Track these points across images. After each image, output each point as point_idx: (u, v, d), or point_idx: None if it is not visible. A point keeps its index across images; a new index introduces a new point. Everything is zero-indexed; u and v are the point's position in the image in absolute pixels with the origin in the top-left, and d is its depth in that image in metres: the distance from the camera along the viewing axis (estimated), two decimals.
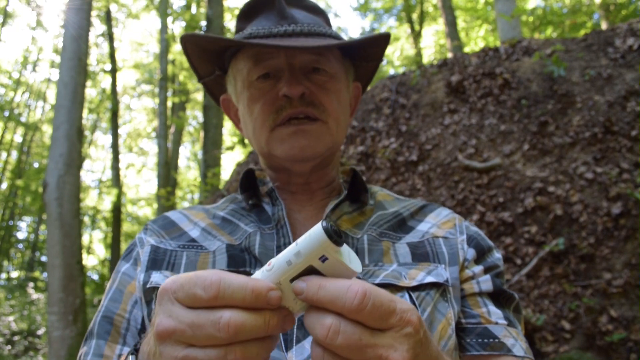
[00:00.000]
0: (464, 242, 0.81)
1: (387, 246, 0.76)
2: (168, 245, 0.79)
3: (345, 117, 0.84)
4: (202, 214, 0.86)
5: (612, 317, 3.49)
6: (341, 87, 0.83)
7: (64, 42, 6.69)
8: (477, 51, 5.81)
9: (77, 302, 5.71)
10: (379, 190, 0.93)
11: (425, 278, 0.70)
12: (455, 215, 0.88)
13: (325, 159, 0.83)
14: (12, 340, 10.75)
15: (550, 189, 4.19)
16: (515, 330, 0.74)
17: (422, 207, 0.89)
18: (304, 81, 0.78)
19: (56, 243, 5.74)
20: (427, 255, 0.76)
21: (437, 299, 0.70)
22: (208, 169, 8.26)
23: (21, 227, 24.66)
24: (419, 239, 0.79)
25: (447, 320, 0.69)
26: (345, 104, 0.84)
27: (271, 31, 0.78)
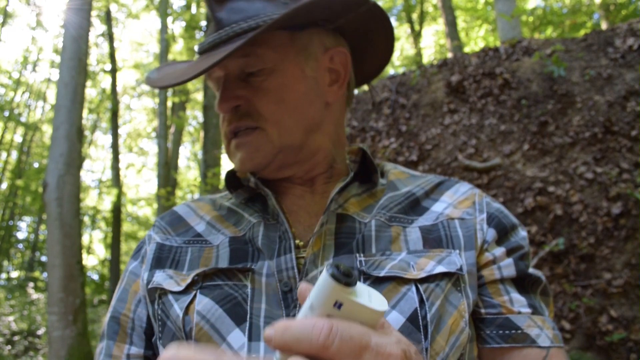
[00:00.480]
0: (483, 221, 0.74)
1: (396, 232, 0.70)
2: (173, 242, 0.78)
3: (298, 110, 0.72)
4: (208, 206, 0.85)
5: (612, 317, 3.49)
6: (286, 80, 0.71)
7: (64, 42, 6.69)
8: (477, 51, 5.81)
9: (77, 302, 5.71)
10: (393, 167, 0.86)
11: (436, 268, 0.65)
12: (475, 190, 0.80)
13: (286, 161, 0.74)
14: (12, 340, 10.75)
15: (550, 189, 4.19)
16: (542, 317, 0.69)
17: (439, 184, 0.81)
18: (240, 90, 0.71)
19: (56, 243, 5.74)
20: (440, 241, 0.69)
21: (449, 290, 0.65)
22: (208, 169, 8.26)
23: (21, 227, 24.67)
24: (432, 221, 0.72)
25: (460, 313, 0.64)
26: (297, 95, 0.72)
27: (202, 46, 0.73)
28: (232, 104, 0.71)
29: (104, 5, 12.99)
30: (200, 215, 0.82)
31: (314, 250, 0.68)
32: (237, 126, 0.72)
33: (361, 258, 0.66)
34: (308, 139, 0.75)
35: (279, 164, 0.75)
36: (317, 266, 0.66)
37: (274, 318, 0.64)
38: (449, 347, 0.61)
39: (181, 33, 14.30)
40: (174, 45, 13.56)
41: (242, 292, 0.66)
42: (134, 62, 19.33)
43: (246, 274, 0.68)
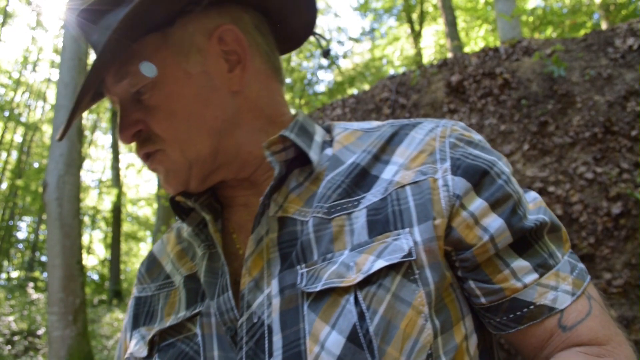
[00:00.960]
0: (447, 172, 0.58)
1: (339, 225, 0.58)
2: (149, 291, 0.74)
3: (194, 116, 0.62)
4: (173, 239, 0.78)
5: (612, 317, 3.49)
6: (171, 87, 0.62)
7: (64, 42, 6.69)
8: (477, 51, 5.81)
9: (77, 302, 5.71)
10: (342, 130, 0.71)
11: (375, 264, 0.54)
12: (436, 131, 0.63)
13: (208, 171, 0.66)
14: (12, 340, 10.75)
15: (550, 189, 4.19)
16: (554, 271, 0.58)
17: (391, 137, 0.65)
18: (136, 113, 0.64)
19: (56, 243, 5.74)
20: (386, 222, 0.57)
21: (398, 285, 0.53)
22: None
23: (21, 227, 24.68)
24: (381, 195, 0.59)
25: (416, 309, 0.53)
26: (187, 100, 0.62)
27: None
28: (131, 131, 0.64)
29: None
30: (167, 252, 0.77)
31: (253, 274, 0.60)
32: (143, 153, 0.65)
33: (303, 270, 0.57)
34: (221, 141, 0.64)
35: (199, 178, 0.66)
36: (261, 290, 0.59)
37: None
38: (404, 356, 0.52)
39: None
40: None
41: (194, 344, 0.62)
42: None
43: (195, 319, 0.64)
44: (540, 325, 0.56)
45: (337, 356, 0.51)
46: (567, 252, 0.61)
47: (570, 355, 0.55)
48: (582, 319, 0.56)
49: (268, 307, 0.57)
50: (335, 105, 6.26)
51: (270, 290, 0.58)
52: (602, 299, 0.61)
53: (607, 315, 0.59)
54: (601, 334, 0.56)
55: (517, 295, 0.56)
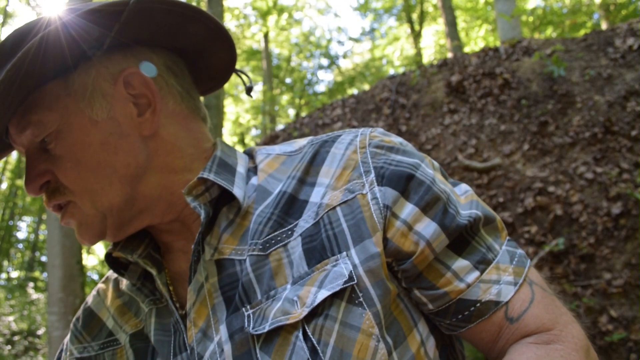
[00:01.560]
0: (373, 185, 0.57)
1: (277, 259, 0.57)
2: (91, 351, 0.69)
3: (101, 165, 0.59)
4: (112, 292, 0.73)
5: (612, 317, 3.49)
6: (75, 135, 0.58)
7: None
8: (477, 51, 5.81)
9: (77, 302, 5.71)
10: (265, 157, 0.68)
11: (317, 296, 0.53)
12: (355, 144, 0.61)
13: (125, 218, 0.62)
14: (12, 340, 10.75)
15: (550, 189, 4.19)
16: (494, 265, 0.58)
17: (313, 157, 0.62)
18: (42, 164, 0.60)
19: (56, 243, 5.74)
20: (323, 249, 0.56)
21: (344, 311, 0.53)
22: None
23: (21, 227, 24.70)
24: (313, 220, 0.57)
25: (366, 332, 0.52)
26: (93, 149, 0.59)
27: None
28: (38, 183, 0.60)
29: None
30: (107, 306, 0.73)
31: (199, 324, 0.58)
32: (53, 207, 0.61)
33: (249, 312, 0.55)
34: (136, 188, 0.61)
35: (114, 228, 0.62)
36: (211, 339, 0.57)
37: None
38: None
39: None
40: None
41: None
42: None
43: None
44: (488, 320, 0.57)
45: None
46: (505, 241, 0.60)
47: (522, 348, 0.56)
48: (526, 307, 0.57)
49: (220, 355, 0.55)
50: (335, 105, 6.27)
51: (219, 337, 0.56)
52: (544, 281, 0.61)
53: (550, 297, 0.59)
54: (546, 319, 0.57)
55: (463, 296, 0.56)
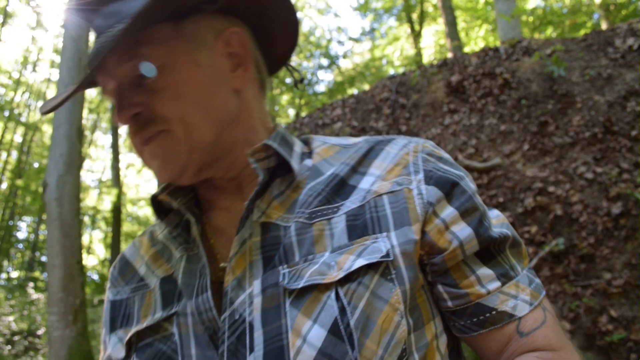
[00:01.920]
0: (420, 183, 0.64)
1: (320, 229, 0.62)
2: (123, 294, 0.74)
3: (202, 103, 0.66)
4: (146, 242, 0.79)
5: (612, 317, 3.49)
6: (181, 73, 0.65)
7: (64, 42, 6.69)
8: (477, 51, 5.81)
9: (77, 302, 5.71)
10: (321, 144, 0.75)
11: (355, 263, 0.57)
12: (409, 147, 0.69)
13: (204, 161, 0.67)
14: (12, 340, 10.75)
15: (550, 189, 4.19)
16: (514, 282, 0.62)
17: (368, 152, 0.70)
18: (135, 96, 0.65)
19: (56, 243, 5.74)
20: (365, 227, 0.61)
21: (376, 283, 0.57)
22: None
23: (21, 227, 24.68)
24: (359, 202, 0.63)
25: (392, 306, 0.56)
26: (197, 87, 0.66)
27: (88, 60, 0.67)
28: (130, 112, 0.64)
29: None
30: (141, 255, 0.78)
31: (236, 273, 0.62)
32: (142, 135, 0.65)
33: (285, 270, 0.60)
34: (222, 133, 0.67)
35: (195, 167, 0.67)
36: (243, 289, 0.61)
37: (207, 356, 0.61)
38: (382, 349, 0.55)
39: None
40: None
41: (171, 342, 0.63)
42: None
43: (172, 320, 0.65)
44: (500, 330, 0.61)
45: (318, 348, 0.54)
46: (526, 267, 0.66)
47: (527, 358, 0.60)
48: (537, 326, 0.61)
49: (249, 306, 0.60)
50: (335, 105, 6.27)
51: (252, 289, 0.61)
52: (554, 312, 0.67)
53: (559, 326, 0.65)
54: (554, 341, 0.61)
55: (481, 301, 0.61)
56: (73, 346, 5.51)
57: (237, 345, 0.58)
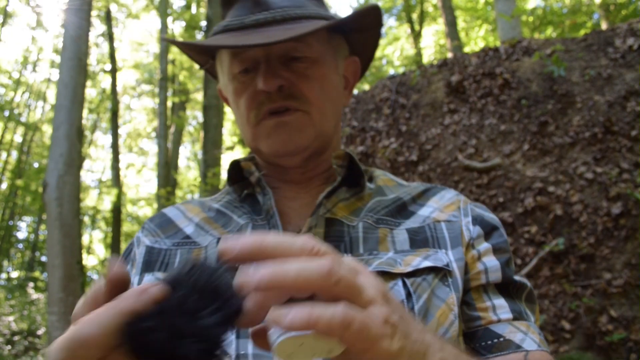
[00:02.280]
0: (469, 223, 0.76)
1: (384, 233, 0.72)
2: (163, 245, 0.78)
3: (332, 103, 0.78)
4: (197, 209, 0.85)
5: (612, 317, 3.49)
6: (326, 71, 0.77)
7: (64, 42, 6.69)
8: (477, 51, 5.81)
9: (77, 302, 5.71)
10: (382, 174, 0.88)
11: (422, 263, 0.67)
12: (460, 197, 0.83)
13: (317, 148, 0.78)
14: (12, 340, 10.75)
15: (550, 189, 4.19)
16: (526, 323, 0.68)
17: (425, 190, 0.83)
18: (282, 71, 0.73)
19: (56, 243, 5.74)
20: (426, 241, 0.72)
21: (436, 284, 0.66)
22: (208, 169, 8.26)
23: (21, 227, 24.68)
24: (419, 224, 0.75)
25: (448, 306, 0.65)
26: (332, 88, 0.79)
27: (243, 22, 0.74)
28: (278, 82, 0.72)
29: (104, 5, 12.99)
30: (189, 217, 0.83)
31: None
32: (281, 105, 0.73)
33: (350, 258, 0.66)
34: (333, 133, 0.80)
35: (311, 151, 0.77)
36: None
37: None
38: None
39: (181, 33, 14.30)
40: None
41: None
42: (134, 62, 19.33)
43: None
44: (506, 357, 0.65)
45: None
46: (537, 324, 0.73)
47: None
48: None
49: None
50: None
51: None
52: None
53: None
54: None
55: (491, 327, 0.67)
56: None
57: None
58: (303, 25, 0.72)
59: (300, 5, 0.76)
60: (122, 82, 19.54)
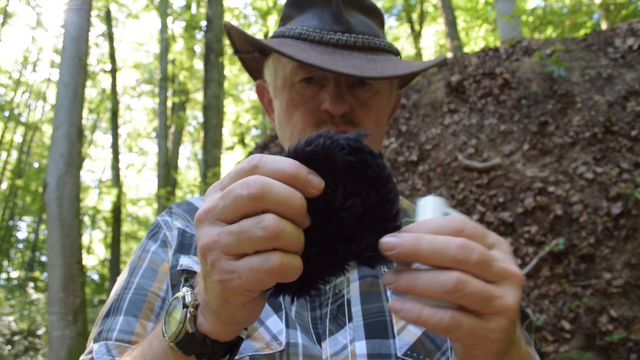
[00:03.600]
0: None
1: None
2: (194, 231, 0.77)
3: (381, 135, 0.83)
4: None
5: (612, 317, 3.49)
6: (383, 104, 0.81)
7: (64, 42, 6.69)
8: (477, 51, 5.81)
9: (77, 302, 5.71)
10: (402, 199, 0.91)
11: None
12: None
13: None
14: (12, 340, 10.75)
15: (550, 189, 4.19)
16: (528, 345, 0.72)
17: None
18: (348, 96, 0.75)
19: (56, 243, 5.74)
20: None
21: None
22: (208, 169, 8.26)
23: (21, 227, 24.68)
24: None
25: None
26: (384, 120, 0.83)
27: (322, 37, 0.73)
28: (346, 107, 0.74)
29: (104, 5, 12.99)
30: None
31: None
32: (342, 130, 0.73)
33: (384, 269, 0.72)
34: None
35: None
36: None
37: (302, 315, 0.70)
38: None
39: (181, 33, 14.30)
40: (174, 45, 13.55)
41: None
42: (134, 62, 19.33)
43: None
44: None
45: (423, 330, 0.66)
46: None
47: None
48: None
49: (347, 286, 0.71)
50: None
51: (349, 276, 0.72)
52: None
53: None
54: None
55: None
56: (73, 346, 5.50)
57: (338, 312, 0.69)
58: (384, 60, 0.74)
59: (377, 34, 0.78)
60: (122, 82, 19.55)
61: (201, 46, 13.13)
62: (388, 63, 0.73)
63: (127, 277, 0.77)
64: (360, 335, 0.66)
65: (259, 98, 0.92)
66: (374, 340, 0.66)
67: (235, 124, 17.37)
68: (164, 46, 12.08)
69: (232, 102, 17.14)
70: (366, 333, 0.67)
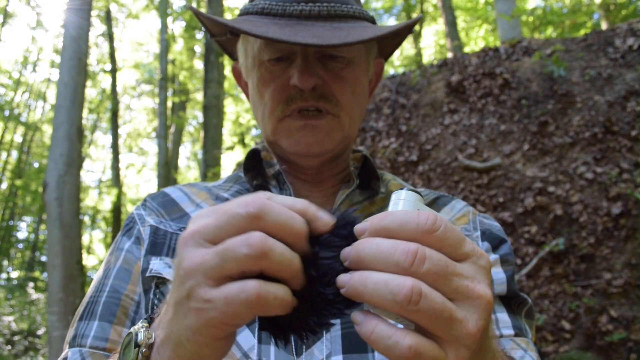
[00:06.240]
0: (478, 238, 0.77)
1: None
2: (168, 227, 0.75)
3: (360, 106, 0.78)
4: (205, 194, 0.81)
5: (612, 317, 3.48)
6: (359, 74, 0.76)
7: (64, 42, 6.69)
8: (477, 51, 5.81)
9: (77, 302, 5.70)
10: (392, 178, 0.87)
11: None
12: (469, 208, 0.83)
13: (339, 151, 0.78)
14: (12, 340, 10.75)
15: (550, 189, 4.19)
16: (525, 339, 0.69)
17: (436, 199, 0.83)
18: (318, 69, 0.71)
19: (56, 243, 5.74)
20: None
21: None
22: (208, 169, 8.26)
23: (21, 227, 24.67)
24: None
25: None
26: (362, 92, 0.78)
27: (285, 10, 0.69)
28: (314, 81, 0.70)
29: (104, 5, 12.99)
30: (196, 202, 0.79)
31: None
32: (313, 105, 0.71)
33: None
34: (355, 136, 0.79)
35: (334, 154, 0.76)
36: None
37: None
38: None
39: (181, 33, 14.30)
40: (174, 45, 13.54)
41: None
42: (134, 62, 19.33)
43: None
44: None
45: None
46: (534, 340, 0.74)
47: None
48: None
49: None
50: None
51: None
52: None
53: None
54: None
55: None
56: None
57: None
58: (351, 27, 0.69)
59: (345, 1, 0.73)
60: (122, 82, 19.54)
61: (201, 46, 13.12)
62: (355, 30, 0.68)
63: (101, 278, 0.73)
64: (337, 349, 0.62)
65: (235, 80, 0.87)
66: (352, 356, 0.61)
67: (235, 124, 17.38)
68: (164, 46, 12.07)
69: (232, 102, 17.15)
70: (343, 347, 0.62)
